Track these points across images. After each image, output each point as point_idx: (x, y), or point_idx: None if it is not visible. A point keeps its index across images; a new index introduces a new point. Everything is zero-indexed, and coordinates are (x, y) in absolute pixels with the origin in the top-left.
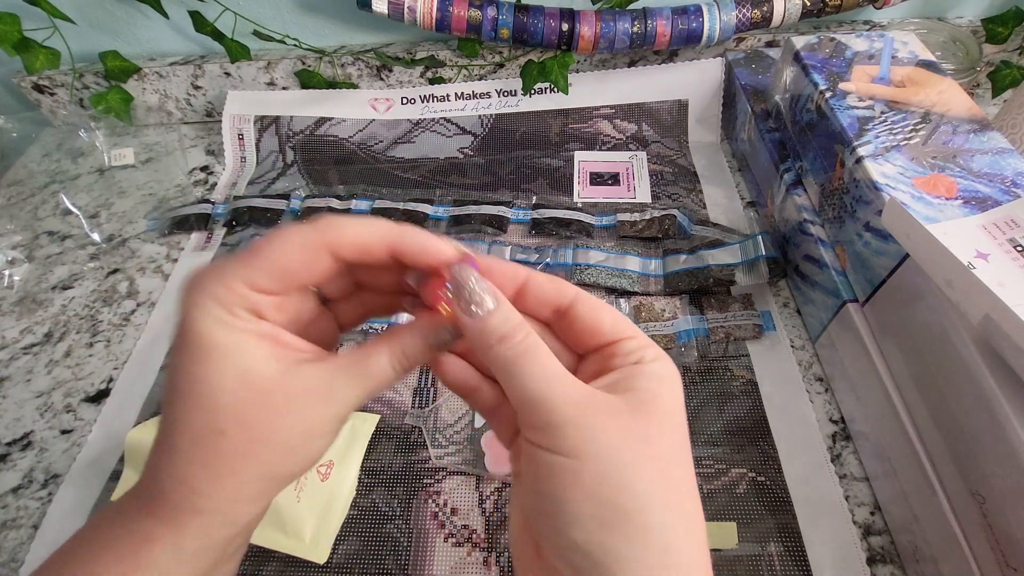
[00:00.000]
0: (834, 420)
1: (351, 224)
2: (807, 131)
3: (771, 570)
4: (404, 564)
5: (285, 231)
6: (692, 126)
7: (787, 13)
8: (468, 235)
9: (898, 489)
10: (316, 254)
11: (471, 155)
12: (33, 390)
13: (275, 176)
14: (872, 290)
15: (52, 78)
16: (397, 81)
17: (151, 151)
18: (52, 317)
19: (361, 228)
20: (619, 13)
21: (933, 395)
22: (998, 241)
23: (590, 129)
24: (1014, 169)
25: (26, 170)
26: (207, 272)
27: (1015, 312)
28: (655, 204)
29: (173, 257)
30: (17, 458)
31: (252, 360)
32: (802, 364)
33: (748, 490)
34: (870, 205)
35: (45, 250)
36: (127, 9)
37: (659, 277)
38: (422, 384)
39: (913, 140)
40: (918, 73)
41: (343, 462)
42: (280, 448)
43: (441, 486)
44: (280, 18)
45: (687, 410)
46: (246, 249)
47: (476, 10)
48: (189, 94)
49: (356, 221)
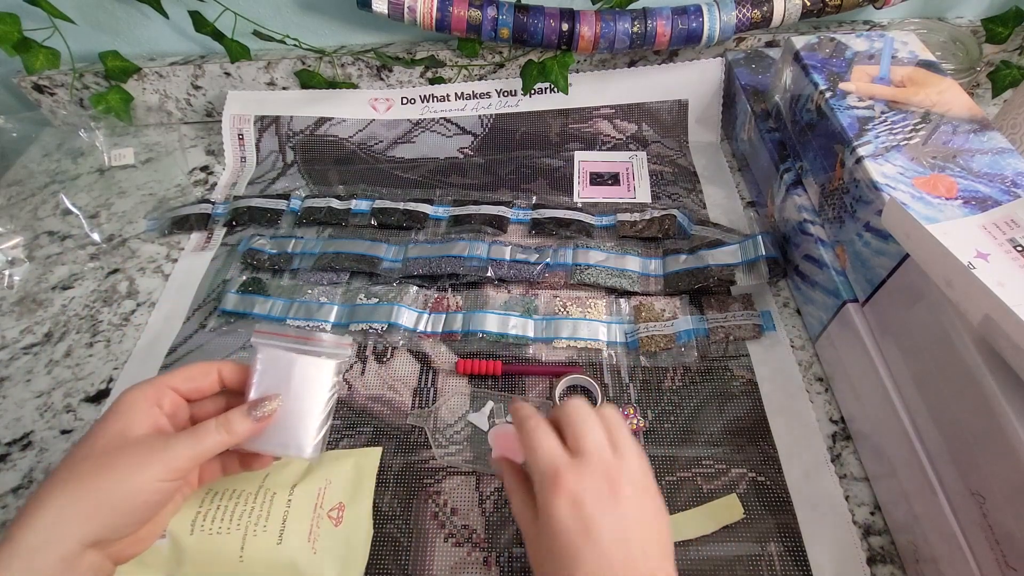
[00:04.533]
0: (834, 420)
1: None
2: (807, 131)
3: (771, 570)
4: (404, 564)
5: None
6: (692, 126)
7: (787, 13)
8: (468, 235)
9: (898, 489)
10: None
11: (471, 155)
12: (33, 390)
13: (275, 176)
14: (872, 290)
15: (52, 78)
16: (397, 81)
17: (151, 151)
18: (52, 317)
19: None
20: (619, 13)
21: (933, 395)
22: (998, 241)
23: (590, 129)
24: (1014, 169)
25: (26, 170)
26: (149, 379)
27: (1015, 312)
28: (655, 204)
29: (173, 257)
30: (17, 458)
31: (136, 425)
32: (802, 364)
33: (748, 490)
34: (870, 205)
35: (45, 250)
36: (127, 9)
37: (659, 277)
38: (422, 384)
39: (913, 140)
40: (918, 73)
41: (353, 502)
42: (106, 502)
43: (441, 486)
44: (280, 18)
45: (687, 410)
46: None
47: (476, 10)
48: (189, 94)
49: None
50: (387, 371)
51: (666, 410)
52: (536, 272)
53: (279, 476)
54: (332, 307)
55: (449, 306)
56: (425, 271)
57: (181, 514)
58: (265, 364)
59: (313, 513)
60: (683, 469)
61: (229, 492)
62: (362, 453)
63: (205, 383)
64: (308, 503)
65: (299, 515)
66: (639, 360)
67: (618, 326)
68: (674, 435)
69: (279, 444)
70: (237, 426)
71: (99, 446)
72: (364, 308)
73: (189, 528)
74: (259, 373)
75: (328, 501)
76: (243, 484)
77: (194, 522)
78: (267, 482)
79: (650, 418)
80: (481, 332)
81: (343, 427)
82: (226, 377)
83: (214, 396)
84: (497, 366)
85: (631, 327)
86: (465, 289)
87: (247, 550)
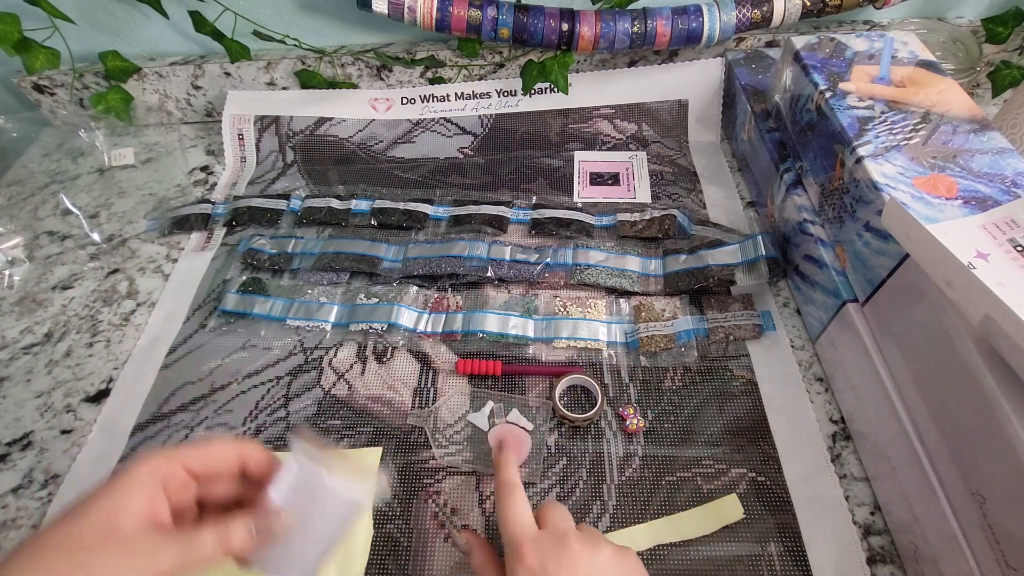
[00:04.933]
0: (834, 420)
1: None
2: (807, 131)
3: (771, 570)
4: (404, 564)
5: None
6: (692, 126)
7: (787, 13)
8: (468, 235)
9: (898, 489)
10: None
11: (471, 155)
12: (33, 390)
13: (275, 176)
14: (872, 290)
15: (52, 78)
16: (397, 81)
17: (151, 151)
18: (52, 317)
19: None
20: (619, 13)
21: (933, 395)
22: (998, 241)
23: (590, 129)
24: (1014, 169)
25: (26, 170)
26: (162, 449)
27: (1015, 312)
28: (655, 204)
29: (173, 257)
30: (17, 458)
31: (129, 511)
32: (802, 364)
33: (748, 490)
34: (870, 205)
35: (45, 250)
36: (127, 9)
37: (659, 277)
38: (422, 384)
39: (913, 140)
40: (918, 73)
41: None
42: None
43: (441, 486)
44: (280, 18)
45: (687, 410)
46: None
47: (476, 10)
48: (189, 94)
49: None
50: (387, 371)
51: (666, 410)
52: (536, 272)
53: None
54: (332, 307)
55: (449, 306)
56: (425, 271)
57: None
58: (295, 474)
59: None
60: (683, 469)
61: None
62: (362, 453)
63: (223, 466)
64: None
65: None
66: (639, 360)
67: (618, 326)
68: (674, 435)
69: (275, 563)
70: (236, 540)
71: (78, 535)
72: (364, 308)
73: None
74: (285, 480)
75: None
76: None
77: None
78: None
79: (650, 418)
80: (481, 332)
81: (343, 427)
82: (249, 462)
83: (230, 476)
84: (497, 366)
85: (631, 327)
86: (465, 289)
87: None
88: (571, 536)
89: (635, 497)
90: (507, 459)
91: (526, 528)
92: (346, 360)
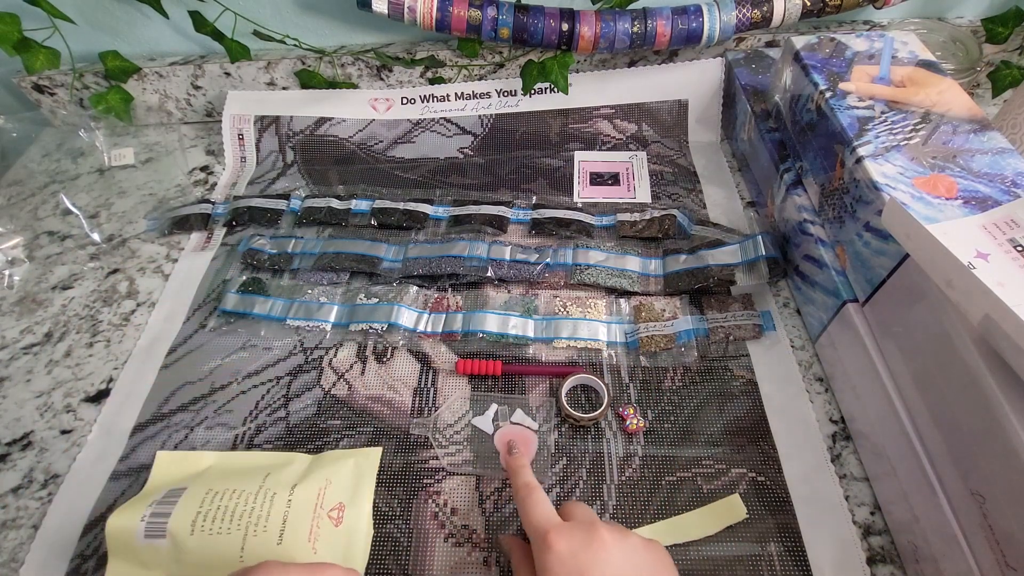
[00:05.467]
0: (834, 420)
1: None
2: (807, 131)
3: (771, 570)
4: (404, 564)
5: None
6: (692, 126)
7: (787, 13)
8: (468, 235)
9: (898, 489)
10: None
11: (471, 155)
12: (33, 390)
13: (275, 176)
14: (872, 290)
15: (52, 78)
16: (397, 81)
17: (151, 151)
18: (52, 317)
19: None
20: (619, 13)
21: (933, 395)
22: (998, 241)
23: (590, 129)
24: (1014, 169)
25: (26, 170)
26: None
27: (1015, 312)
28: (655, 204)
29: (173, 257)
30: (17, 458)
31: None
32: (802, 364)
33: (748, 490)
34: (870, 205)
35: (45, 250)
36: (127, 9)
37: (659, 277)
38: (422, 384)
39: (913, 140)
40: (918, 73)
41: (353, 502)
42: None
43: (441, 486)
44: (280, 18)
45: (687, 410)
46: None
47: (476, 10)
48: (189, 94)
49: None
50: (387, 371)
51: (666, 410)
52: (536, 272)
53: (279, 476)
54: (332, 307)
55: (449, 306)
56: (425, 271)
57: (181, 514)
58: None
59: (313, 513)
60: (683, 469)
61: (229, 492)
62: (362, 453)
63: None
64: (308, 503)
65: (299, 515)
66: (639, 360)
67: (618, 326)
68: (674, 435)
69: None
70: None
71: None
72: (364, 308)
73: (189, 528)
74: None
75: (328, 501)
76: (243, 484)
77: (194, 522)
78: (267, 482)
79: (650, 418)
80: (481, 332)
81: (343, 427)
82: None
83: None
84: (497, 366)
85: (631, 327)
86: (465, 289)
87: (247, 550)
88: (599, 524)
89: (635, 497)
90: (522, 462)
91: (551, 519)
92: (346, 360)
